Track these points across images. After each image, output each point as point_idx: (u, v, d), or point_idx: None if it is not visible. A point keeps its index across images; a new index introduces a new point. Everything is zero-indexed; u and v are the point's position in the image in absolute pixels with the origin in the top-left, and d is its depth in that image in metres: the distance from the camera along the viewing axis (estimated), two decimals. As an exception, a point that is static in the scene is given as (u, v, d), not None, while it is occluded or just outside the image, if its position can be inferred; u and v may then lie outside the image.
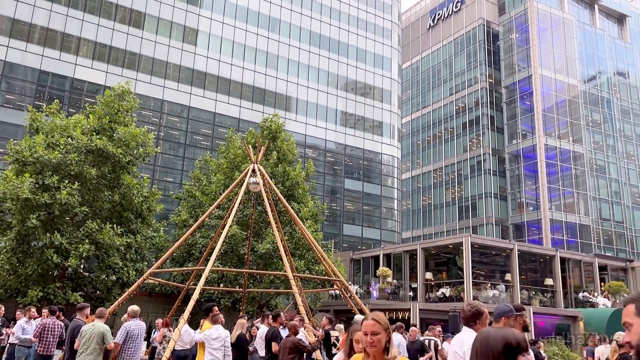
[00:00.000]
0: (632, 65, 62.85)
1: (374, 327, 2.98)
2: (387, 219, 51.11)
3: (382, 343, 2.96)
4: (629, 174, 57.69)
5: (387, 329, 3.00)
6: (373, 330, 2.97)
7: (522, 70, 55.57)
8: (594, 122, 56.75)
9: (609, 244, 52.81)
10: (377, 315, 3.06)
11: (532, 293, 27.46)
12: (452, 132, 60.11)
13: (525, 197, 53.10)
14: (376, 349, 2.99)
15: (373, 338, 2.96)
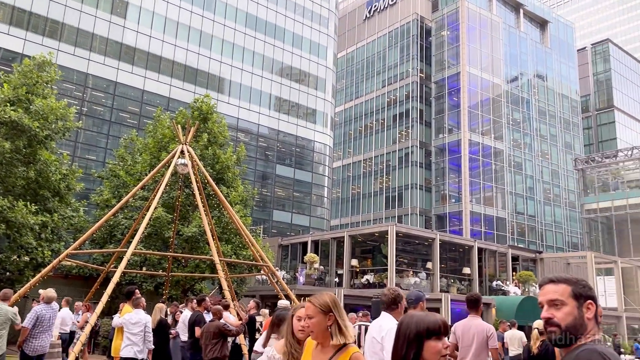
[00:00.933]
0: (551, 69, 66.82)
1: (307, 310, 2.83)
2: (316, 207, 51.59)
3: (318, 327, 2.77)
4: (542, 171, 61.57)
5: (328, 311, 2.78)
6: (307, 313, 2.82)
7: (451, 67, 57.56)
8: (514, 121, 59.93)
9: (521, 236, 56.28)
10: (314, 298, 2.87)
11: (450, 281, 28.80)
12: (382, 123, 61.37)
13: (448, 189, 55.33)
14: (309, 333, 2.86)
15: (307, 322, 2.81)
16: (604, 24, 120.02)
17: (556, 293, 2.01)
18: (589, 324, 1.96)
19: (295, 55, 51.85)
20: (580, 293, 2.00)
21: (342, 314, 2.83)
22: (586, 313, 1.97)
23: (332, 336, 2.75)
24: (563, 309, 1.98)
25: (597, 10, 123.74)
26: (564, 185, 63.36)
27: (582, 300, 1.98)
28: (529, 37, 65.12)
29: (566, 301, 1.98)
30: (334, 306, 2.81)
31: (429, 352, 2.09)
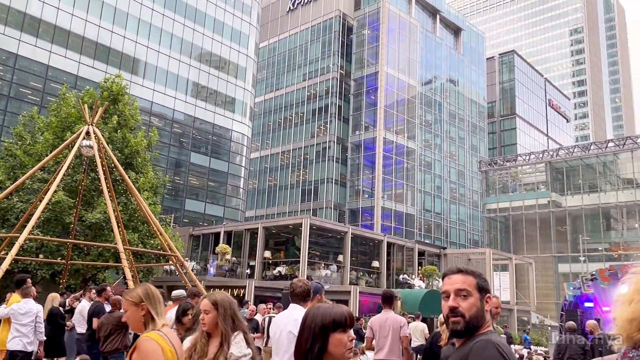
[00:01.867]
0: (462, 75, 70.39)
1: (124, 305, 2.94)
2: (232, 197, 50.86)
3: (132, 318, 2.84)
4: (450, 171, 64.83)
5: (140, 302, 2.83)
6: (124, 308, 2.92)
7: (370, 66, 58.87)
8: (427, 122, 62.54)
9: (428, 232, 58.97)
10: (127, 291, 2.96)
11: (360, 274, 29.56)
12: (302, 117, 61.59)
13: (362, 185, 56.68)
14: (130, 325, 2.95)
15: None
16: (511, 36, 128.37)
17: (464, 283, 2.06)
18: (486, 316, 2.05)
19: (216, 42, 50.64)
20: (483, 286, 2.08)
21: (156, 304, 2.88)
22: (486, 305, 2.06)
23: (146, 326, 2.82)
24: (469, 299, 2.02)
25: (505, 23, 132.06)
26: (469, 185, 67.15)
27: (484, 293, 2.06)
28: (443, 42, 68.11)
29: (472, 292, 2.03)
30: (146, 297, 2.86)
31: (334, 344, 2.05)
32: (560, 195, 55.08)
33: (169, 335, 2.81)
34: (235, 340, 3.21)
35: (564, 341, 9.82)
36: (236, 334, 3.25)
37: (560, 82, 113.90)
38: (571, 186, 55.60)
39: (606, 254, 50.62)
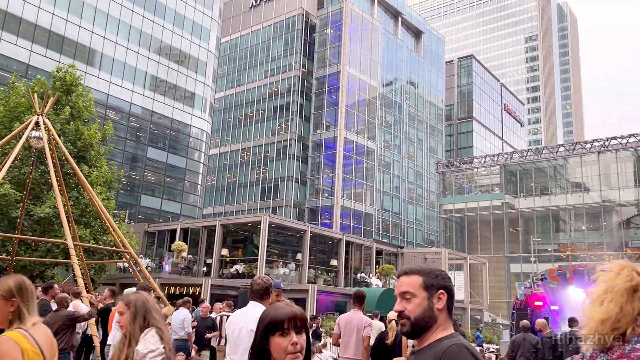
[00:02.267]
0: (422, 77, 71.55)
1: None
2: (189, 194, 49.98)
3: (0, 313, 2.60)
4: (408, 172, 65.81)
5: (10, 297, 2.59)
6: None
7: (332, 65, 59.02)
8: (387, 123, 63.25)
9: (386, 231, 59.67)
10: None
11: (318, 272, 29.58)
12: (263, 114, 61.17)
13: (322, 183, 56.77)
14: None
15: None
16: (470, 41, 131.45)
17: (408, 285, 1.97)
18: (439, 315, 1.93)
19: (176, 35, 49.62)
20: (432, 283, 1.96)
21: (28, 300, 2.64)
22: (436, 304, 1.93)
23: (11, 323, 2.56)
24: (413, 300, 1.94)
25: (464, 28, 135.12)
26: (427, 186, 68.34)
27: (433, 291, 1.95)
28: (404, 44, 69.01)
29: (416, 293, 1.94)
30: (19, 291, 2.62)
31: (274, 349, 1.91)
32: (513, 197, 56.74)
33: (35, 335, 2.55)
34: (144, 337, 3.13)
35: (517, 339, 10.07)
36: (147, 331, 3.17)
37: (515, 88, 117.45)
38: (524, 189, 57.35)
39: (555, 254, 52.50)
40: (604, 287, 1.57)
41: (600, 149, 52.08)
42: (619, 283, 1.51)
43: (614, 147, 51.25)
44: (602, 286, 1.58)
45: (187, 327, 10.01)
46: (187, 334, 9.97)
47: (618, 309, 1.49)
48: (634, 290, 1.51)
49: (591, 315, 1.56)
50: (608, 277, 1.57)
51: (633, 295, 1.50)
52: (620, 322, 1.48)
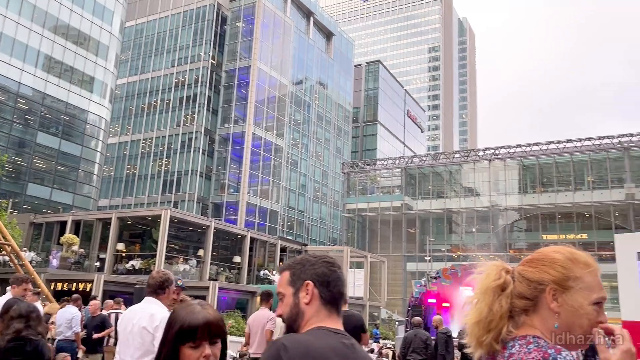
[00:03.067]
0: (332, 79, 72.78)
1: None
2: (83, 184, 46.86)
3: None
4: (315, 171, 66.66)
5: None
6: None
7: (243, 59, 58.20)
8: (296, 121, 63.59)
9: (291, 229, 59.98)
10: None
11: (220, 269, 28.99)
12: (168, 104, 58.94)
13: (228, 179, 55.84)
14: None
15: None
16: (378, 47, 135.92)
17: (280, 285, 1.75)
18: (306, 310, 1.64)
19: (75, 14, 46.27)
20: (298, 276, 1.70)
21: None
22: (303, 298, 1.66)
23: None
24: (284, 300, 1.70)
25: (373, 33, 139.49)
26: (332, 185, 69.63)
27: (298, 284, 1.68)
28: (316, 45, 69.77)
29: (285, 290, 1.71)
30: None
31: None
32: (412, 199, 59.46)
33: None
34: None
35: (409, 336, 10.46)
36: None
37: (417, 95, 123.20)
38: (422, 191, 60.32)
39: (448, 254, 55.78)
40: (477, 289, 1.55)
41: (491, 157, 56.07)
42: (488, 283, 1.51)
43: (503, 156, 55.43)
44: (477, 288, 1.57)
45: (75, 327, 9.28)
46: (74, 333, 9.25)
47: (487, 310, 1.47)
48: (501, 288, 1.49)
49: (468, 319, 1.53)
50: (480, 279, 1.56)
51: (501, 294, 1.49)
52: (492, 323, 1.46)
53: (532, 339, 1.43)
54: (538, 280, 1.48)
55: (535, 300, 1.48)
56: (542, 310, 1.47)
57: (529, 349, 1.38)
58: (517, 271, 1.56)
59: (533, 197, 53.43)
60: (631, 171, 49.13)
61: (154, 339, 3.65)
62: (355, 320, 6.54)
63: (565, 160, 52.66)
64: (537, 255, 1.56)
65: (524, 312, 1.49)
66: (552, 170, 53.79)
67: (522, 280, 1.51)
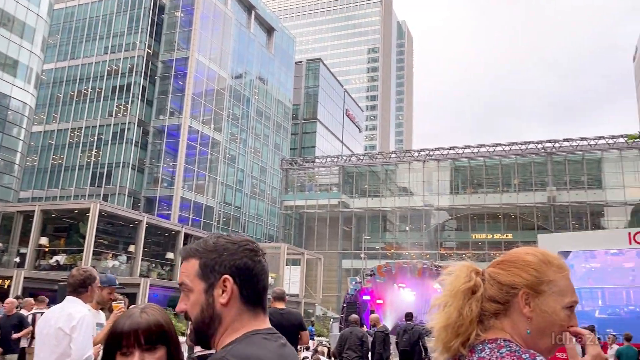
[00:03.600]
0: (272, 75, 72.25)
1: None
2: (3, 174, 43.86)
3: None
4: (253, 167, 65.96)
5: None
6: None
7: (180, 50, 56.58)
8: (234, 115, 62.62)
9: (226, 225, 59.04)
10: None
11: (152, 265, 28.02)
12: (99, 93, 56.33)
13: (162, 172, 54.18)
14: None
15: None
16: (319, 45, 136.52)
17: (184, 274, 1.36)
18: (224, 314, 1.29)
19: (-2, -9, 43.18)
20: (212, 267, 1.32)
21: None
22: (218, 297, 1.30)
23: None
24: (191, 296, 1.33)
25: (314, 31, 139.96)
26: (270, 182, 69.20)
27: (212, 278, 1.31)
28: (257, 39, 69.00)
29: (193, 284, 1.33)
30: None
31: None
32: (349, 198, 60.17)
33: None
34: None
35: (345, 333, 10.48)
36: None
37: (356, 95, 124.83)
38: (359, 190, 61.20)
39: (382, 252, 56.92)
40: (446, 291, 1.45)
41: (425, 158, 57.73)
42: (457, 285, 1.42)
43: (437, 157, 57.22)
44: (444, 290, 1.47)
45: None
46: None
47: (457, 313, 1.37)
48: (472, 291, 1.40)
49: (435, 323, 1.43)
50: (449, 280, 1.46)
51: (471, 297, 1.39)
52: (462, 328, 1.36)
53: (503, 342, 1.34)
54: (510, 283, 1.40)
55: (507, 304, 1.40)
56: (514, 314, 1.39)
57: (501, 353, 1.29)
58: (487, 273, 1.47)
59: (463, 197, 55.52)
60: (553, 175, 52.13)
61: (71, 341, 3.46)
62: (294, 318, 6.42)
63: (494, 163, 55.10)
64: (509, 257, 1.48)
65: (494, 316, 1.40)
66: (482, 172, 56.14)
67: (493, 283, 1.43)
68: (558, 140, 52.81)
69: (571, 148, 51.94)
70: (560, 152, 52.31)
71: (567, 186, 51.65)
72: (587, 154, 51.60)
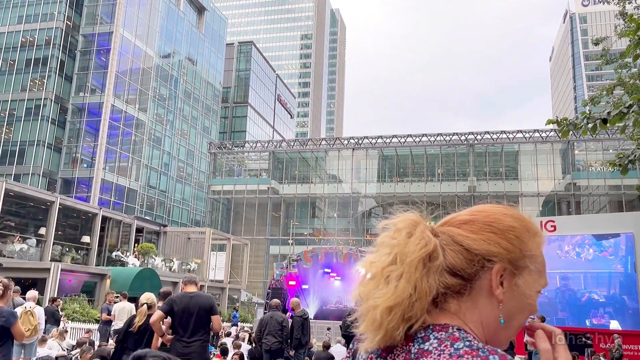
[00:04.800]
0: (201, 55, 70.09)
1: None
2: None
3: None
4: (179, 149, 63.94)
5: None
6: None
7: (104, 24, 53.57)
8: (161, 96, 60.27)
9: (150, 209, 56.96)
10: None
11: (66, 249, 26.44)
12: (12, 65, 52.33)
13: (81, 153, 51.37)
14: None
15: None
16: (251, 28, 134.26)
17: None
18: None
19: None
20: None
21: None
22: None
23: None
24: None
25: (247, 13, 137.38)
26: (197, 165, 67.43)
27: None
28: (186, 18, 66.59)
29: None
30: None
31: None
32: (278, 183, 59.84)
33: None
34: None
35: (265, 318, 10.30)
36: None
37: (288, 80, 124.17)
38: (289, 176, 60.99)
39: (310, 238, 57.21)
40: (390, 255, 1.04)
41: (354, 146, 58.40)
42: (412, 250, 1.01)
43: (365, 146, 58.05)
44: (386, 252, 1.05)
45: None
46: None
47: (412, 289, 0.98)
48: (430, 258, 1.01)
49: (372, 299, 1.01)
50: (396, 240, 1.05)
51: (429, 267, 1.01)
52: (414, 309, 0.98)
53: (457, 332, 0.97)
54: (484, 253, 1.03)
55: (472, 281, 1.03)
56: (479, 295, 1.03)
57: (457, 349, 0.92)
58: (446, 234, 1.09)
59: (390, 185, 56.79)
60: (474, 166, 54.45)
61: None
62: (203, 301, 6.15)
63: (419, 152, 56.70)
64: (481, 217, 1.09)
65: (450, 295, 1.03)
66: (408, 161, 57.62)
67: (457, 250, 1.05)
68: (480, 132, 55.12)
69: (492, 140, 54.39)
70: (482, 144, 54.67)
71: (486, 177, 54.13)
72: (506, 146, 54.28)
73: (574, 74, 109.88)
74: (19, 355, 9.68)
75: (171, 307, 6.04)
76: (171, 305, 6.04)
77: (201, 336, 6.04)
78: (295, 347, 10.09)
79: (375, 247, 1.11)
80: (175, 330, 6.06)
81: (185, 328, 5.98)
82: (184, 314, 5.98)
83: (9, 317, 5.18)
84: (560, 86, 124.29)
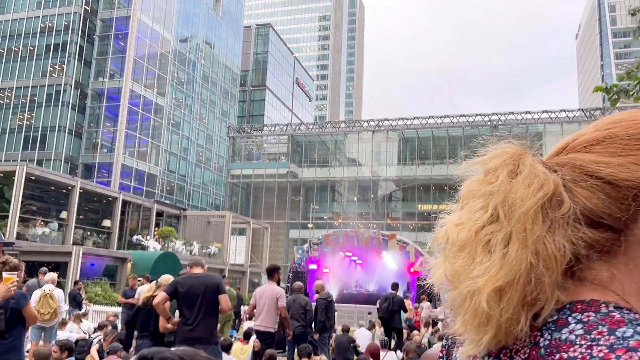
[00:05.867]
0: (219, 39, 69.61)
1: None
2: None
3: None
4: (198, 134, 63.89)
5: None
6: None
7: (121, 8, 53.36)
8: (179, 80, 60.09)
9: (170, 194, 57.18)
10: None
11: (87, 233, 26.51)
12: (32, 51, 52.54)
13: (101, 138, 51.60)
14: None
15: None
16: (268, 10, 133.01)
17: None
18: None
19: None
20: None
21: None
22: None
23: None
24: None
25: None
26: (216, 150, 67.38)
27: None
28: (203, 1, 66.04)
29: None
30: None
31: None
32: (298, 167, 59.45)
33: None
34: None
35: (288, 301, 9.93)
36: None
37: (307, 63, 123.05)
38: (308, 159, 60.53)
39: (329, 222, 56.85)
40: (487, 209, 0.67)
41: (374, 129, 57.57)
42: (522, 196, 0.64)
43: (386, 128, 57.17)
44: (479, 206, 0.68)
45: None
46: None
47: (532, 256, 0.61)
48: (550, 204, 0.64)
49: (469, 280, 0.65)
50: (493, 185, 0.67)
51: (553, 219, 0.63)
52: (540, 287, 0.61)
53: (617, 311, 0.60)
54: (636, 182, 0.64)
55: (627, 229, 0.65)
56: (635, 249, 0.65)
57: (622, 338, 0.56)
58: (571, 165, 0.70)
59: (411, 168, 55.95)
60: (497, 147, 53.19)
61: None
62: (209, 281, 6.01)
63: (442, 134, 55.64)
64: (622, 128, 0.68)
65: (589, 259, 0.65)
66: (430, 143, 56.62)
67: (593, 187, 0.66)
68: (504, 113, 53.82)
69: (516, 121, 53.08)
70: (506, 125, 53.40)
71: (510, 158, 52.87)
72: (531, 127, 52.93)
73: (601, 52, 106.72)
74: (38, 339, 9.47)
75: (175, 289, 5.78)
76: (175, 286, 5.76)
77: (208, 319, 5.72)
78: (320, 331, 9.72)
79: (459, 202, 0.76)
80: (181, 313, 5.77)
81: (190, 309, 5.70)
82: (189, 295, 5.69)
83: (20, 298, 4.81)
84: (587, 64, 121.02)
